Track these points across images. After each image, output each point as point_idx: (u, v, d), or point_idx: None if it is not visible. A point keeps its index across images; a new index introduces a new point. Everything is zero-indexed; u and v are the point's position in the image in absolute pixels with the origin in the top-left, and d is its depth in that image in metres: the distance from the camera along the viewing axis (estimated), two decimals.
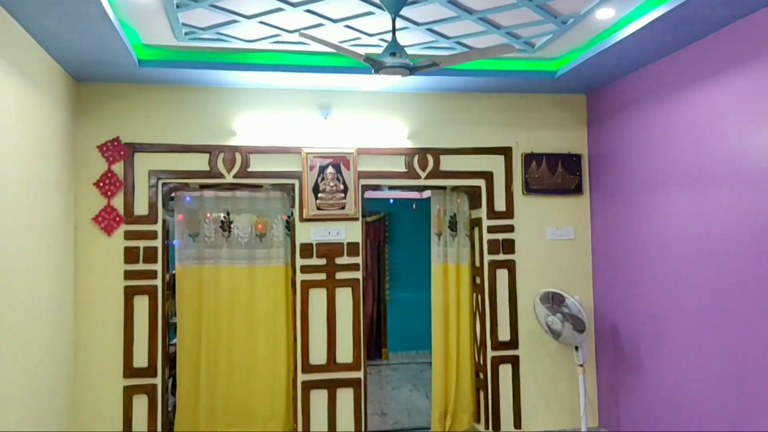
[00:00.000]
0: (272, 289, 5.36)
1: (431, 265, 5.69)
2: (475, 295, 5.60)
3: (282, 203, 5.42)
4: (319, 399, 5.07)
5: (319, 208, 5.15)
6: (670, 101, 4.49)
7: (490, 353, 5.35)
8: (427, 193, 5.99)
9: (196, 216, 5.34)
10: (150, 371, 4.83)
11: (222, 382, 5.28)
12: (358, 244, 5.21)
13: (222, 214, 5.37)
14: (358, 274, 5.20)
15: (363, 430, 5.11)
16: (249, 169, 5.07)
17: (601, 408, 5.45)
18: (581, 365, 5.19)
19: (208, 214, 5.36)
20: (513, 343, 5.38)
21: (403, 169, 5.30)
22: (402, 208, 9.49)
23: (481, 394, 5.47)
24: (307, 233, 5.14)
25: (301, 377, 5.06)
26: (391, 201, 8.91)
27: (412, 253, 9.53)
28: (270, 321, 5.35)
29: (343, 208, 5.19)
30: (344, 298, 5.16)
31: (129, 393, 4.80)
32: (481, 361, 5.44)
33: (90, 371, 4.76)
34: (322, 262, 5.14)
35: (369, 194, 9.03)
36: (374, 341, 9.50)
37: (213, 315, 5.29)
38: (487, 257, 5.39)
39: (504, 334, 5.37)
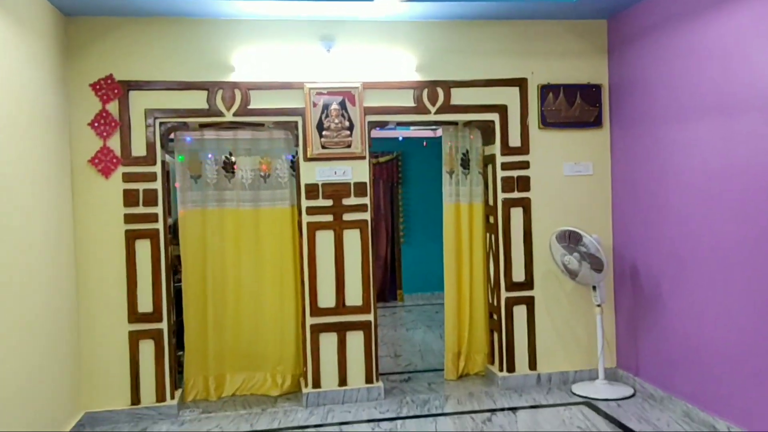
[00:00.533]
0: (278, 232, 5.20)
1: (438, 204, 5.47)
2: (488, 235, 5.39)
3: (286, 142, 5.19)
4: (328, 342, 4.95)
5: (324, 147, 4.92)
6: (694, 25, 4.15)
7: (505, 294, 5.17)
8: (440, 132, 5.73)
9: (198, 157, 5.14)
10: (155, 316, 4.72)
11: (229, 326, 5.18)
12: (365, 184, 5.00)
13: (224, 155, 5.17)
14: (367, 216, 5.01)
15: (373, 371, 5.00)
16: (249, 107, 4.83)
17: (618, 349, 5.28)
18: (599, 305, 5.01)
19: (210, 155, 5.15)
20: (528, 283, 5.19)
21: (412, 104, 5.03)
22: (415, 148, 9.23)
23: (495, 335, 5.33)
24: (312, 173, 4.93)
25: (310, 320, 4.93)
26: (401, 138, 8.64)
27: (427, 194, 9.33)
28: (277, 264, 5.20)
29: (349, 146, 4.96)
30: (352, 240, 4.98)
31: (135, 338, 4.70)
32: (495, 303, 5.27)
33: (94, 317, 4.66)
34: (329, 203, 4.95)
35: (380, 133, 8.80)
36: (389, 283, 9.42)
37: (218, 259, 5.15)
38: (501, 195, 5.16)
39: (519, 275, 5.18)
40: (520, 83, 5.13)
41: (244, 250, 5.18)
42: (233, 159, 5.18)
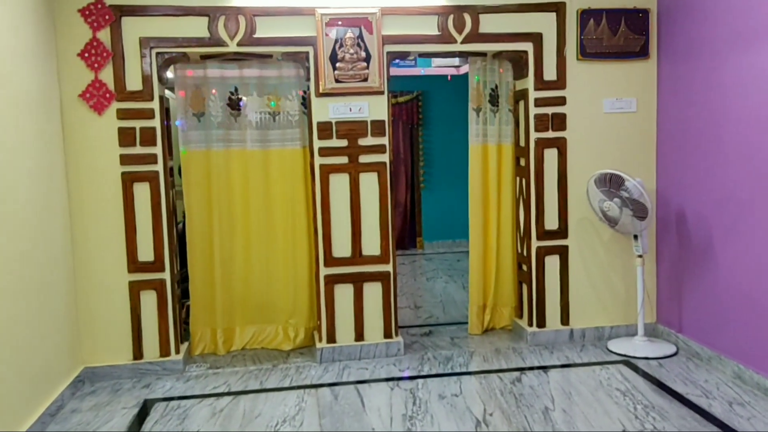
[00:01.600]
0: (290, 175, 4.78)
1: (468, 145, 5.00)
2: (518, 179, 4.93)
3: (297, 76, 4.72)
4: (344, 294, 4.58)
5: (337, 81, 4.44)
6: None
7: (535, 243, 4.74)
8: (465, 69, 5.17)
9: (201, 92, 4.69)
10: (157, 266, 4.36)
11: (238, 277, 4.82)
12: (383, 122, 4.53)
13: (229, 91, 4.71)
14: (385, 158, 4.56)
15: (392, 325, 4.63)
16: (255, 36, 4.34)
17: (660, 303, 4.86)
18: (640, 256, 4.57)
19: (214, 91, 4.70)
20: (561, 232, 4.75)
21: (436, 32, 4.52)
22: (437, 87, 8.70)
23: (524, 288, 4.92)
24: (325, 110, 4.47)
25: (324, 271, 4.55)
26: (422, 72, 8.08)
27: (449, 136, 8.85)
28: (288, 210, 4.80)
29: (365, 79, 4.47)
30: (369, 184, 4.55)
31: (136, 289, 4.35)
32: (525, 253, 4.85)
33: (91, 267, 4.31)
34: (343, 143, 4.50)
35: (399, 71, 8.26)
36: (408, 230, 9.03)
37: (225, 205, 4.75)
38: (533, 135, 4.67)
39: (551, 223, 4.74)
40: (557, 8, 4.58)
41: (252, 194, 4.78)
42: (239, 95, 4.72)
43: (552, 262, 4.77)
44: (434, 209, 9.02)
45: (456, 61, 7.22)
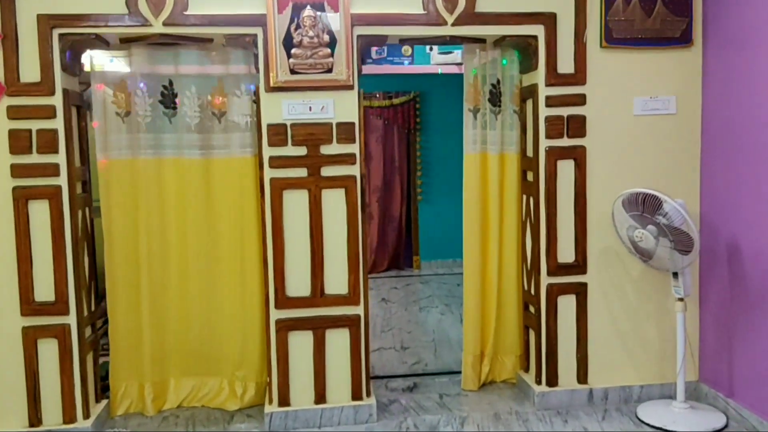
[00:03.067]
0: (238, 191, 3.81)
1: (463, 154, 4.02)
2: (525, 197, 3.94)
3: (247, 66, 3.75)
4: (301, 344, 3.60)
5: (293, 71, 3.47)
6: None
7: (546, 280, 3.74)
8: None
9: (125, 86, 3.73)
10: (59, 307, 3.41)
11: (173, 317, 3.85)
12: (353, 125, 3.56)
13: (162, 85, 3.75)
14: (355, 170, 3.58)
15: (362, 384, 3.65)
16: (187, 12, 3.39)
17: (704, 358, 3.84)
18: (681, 299, 3.55)
19: (142, 84, 3.74)
20: (579, 266, 3.75)
21: (420, 11, 3.54)
22: (437, 87, 7.70)
23: (532, 334, 3.92)
24: (278, 109, 3.50)
25: (275, 314, 3.58)
26: (438, 68, 6.88)
27: (450, 143, 7.76)
28: (236, 236, 3.83)
29: (329, 70, 3.50)
30: (334, 204, 3.58)
31: (31, 337, 3.40)
32: (532, 290, 3.85)
33: None
34: (301, 151, 3.53)
35: (393, 68, 7.29)
36: (403, 248, 8.04)
37: (156, 228, 3.79)
38: (544, 143, 3.68)
39: (566, 254, 3.74)
40: None
41: (191, 215, 3.82)
42: (174, 89, 3.76)
43: (566, 304, 3.77)
44: (433, 225, 8.01)
45: (459, 56, 6.25)
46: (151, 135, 3.75)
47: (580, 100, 3.68)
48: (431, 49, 6.89)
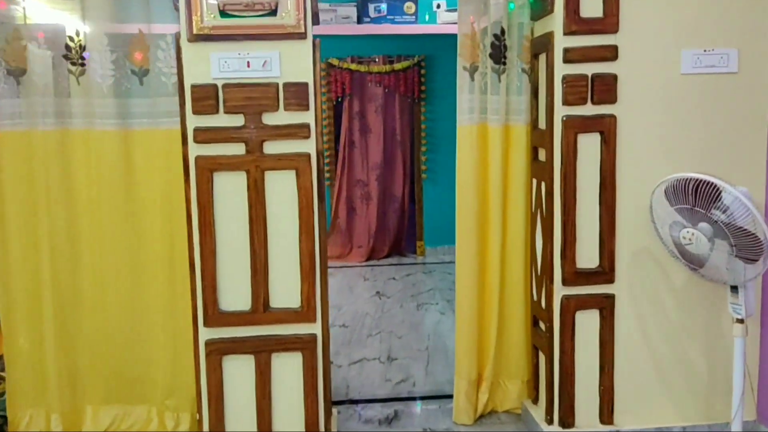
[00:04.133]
0: (166, 173, 2.99)
1: (456, 125, 3.13)
2: (535, 182, 3.05)
3: (172, 9, 2.88)
4: (239, 371, 2.78)
5: (224, 13, 2.61)
6: None
7: (560, 290, 2.87)
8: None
9: (18, 36, 2.89)
10: None
11: (87, 334, 3.07)
12: (306, 86, 2.68)
13: (68, 36, 2.91)
14: (309, 146, 2.72)
15: (320, 420, 2.83)
16: None
17: (764, 393, 2.96)
18: (741, 320, 2.66)
19: (40, 34, 2.90)
20: (604, 272, 2.86)
21: None
22: (446, 49, 6.72)
23: (542, 358, 3.06)
24: (205, 65, 2.65)
25: (205, 334, 2.75)
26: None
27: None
28: (165, 231, 3.02)
29: (272, 12, 2.62)
30: (282, 190, 2.72)
31: None
32: (543, 302, 2.98)
33: None
34: (237, 121, 2.67)
35: (396, 28, 6.37)
36: (406, 232, 7.18)
37: (62, 219, 2.98)
38: (561, 111, 2.79)
39: (588, 257, 2.86)
40: None
41: (106, 201, 3.00)
42: (81, 40, 2.92)
43: (587, 322, 2.90)
44: (439, 206, 7.12)
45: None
46: (52, 99, 2.92)
47: (611, 53, 2.77)
48: (438, 6, 6.00)
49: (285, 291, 2.76)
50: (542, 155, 2.96)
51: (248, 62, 2.65)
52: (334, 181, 6.96)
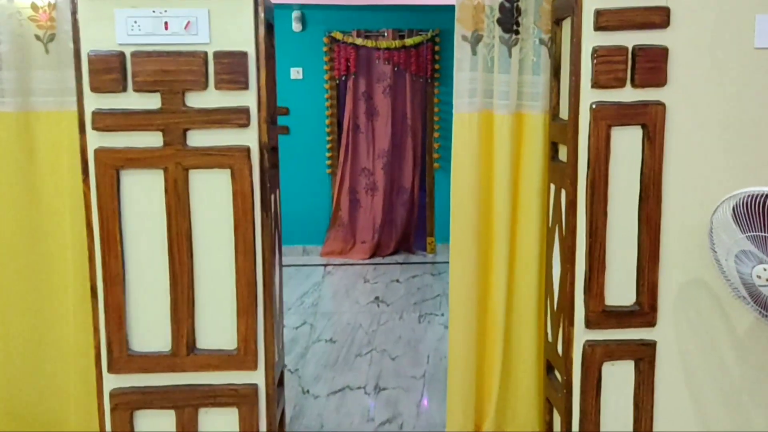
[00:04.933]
0: (76, 165, 2.31)
1: (452, 112, 2.42)
2: (554, 189, 2.34)
3: None
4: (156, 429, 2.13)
5: None
6: None
7: (583, 333, 2.16)
8: None
9: None
10: None
11: None
12: (245, 57, 2.00)
13: None
14: (250, 136, 2.04)
15: None
16: None
17: None
18: None
19: None
20: (643, 312, 2.15)
21: None
22: None
23: (556, 416, 2.36)
24: (107, 27, 1.98)
25: (111, 382, 2.10)
26: None
27: None
28: (77, 239, 2.37)
29: None
30: (212, 195, 2.05)
31: None
32: (560, 346, 2.27)
33: None
34: (152, 102, 2.00)
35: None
36: (415, 227, 6.49)
37: None
38: (589, 96, 2.07)
39: (621, 290, 2.15)
40: None
41: (1, 206, 2.36)
42: None
43: (618, 377, 2.19)
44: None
45: None
46: None
47: (660, 18, 2.03)
48: None
49: (216, 328, 2.10)
50: (563, 154, 2.24)
51: (166, 23, 1.97)
52: (336, 170, 6.27)
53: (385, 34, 6.11)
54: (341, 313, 4.73)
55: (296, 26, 6.08)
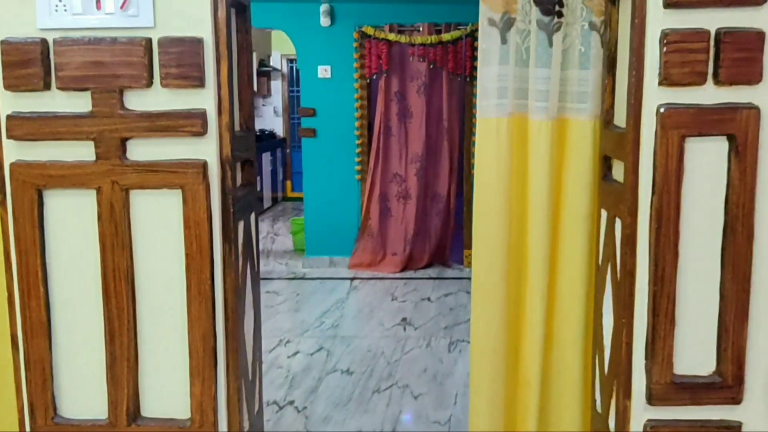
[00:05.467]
0: None
1: (476, 116, 1.91)
2: (605, 215, 1.80)
3: None
4: None
5: None
6: None
7: (644, 410, 1.63)
8: None
9: None
10: None
11: None
12: (198, 45, 1.54)
13: None
14: (207, 149, 1.58)
15: None
16: None
17: None
18: None
19: None
20: (725, 385, 1.61)
21: None
22: None
23: None
24: (26, 7, 1.54)
25: None
26: None
27: None
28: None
29: None
30: (159, 225, 1.60)
31: None
32: (612, 422, 1.75)
33: None
34: (81, 104, 1.56)
35: None
36: (452, 238, 5.99)
37: None
38: (656, 96, 1.54)
39: (696, 355, 1.62)
40: None
41: None
42: None
43: None
44: None
45: None
46: None
47: None
48: None
49: (165, 391, 1.65)
50: (619, 172, 1.72)
51: (98, 1, 1.52)
52: (366, 176, 5.81)
53: (420, 29, 5.62)
54: (362, 337, 4.26)
55: (324, 21, 5.64)
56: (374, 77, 5.69)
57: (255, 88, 9.12)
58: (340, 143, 5.79)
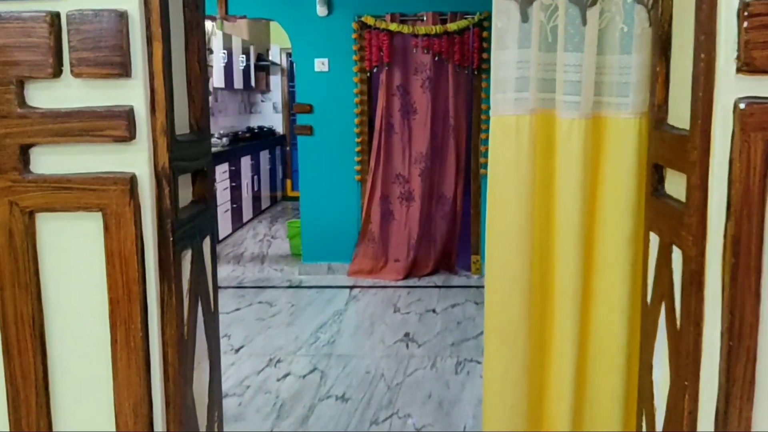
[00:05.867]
0: None
1: (487, 112, 1.52)
2: (657, 240, 1.40)
3: None
4: None
5: None
6: None
7: None
8: None
9: None
10: None
11: None
12: (121, 18, 1.14)
13: None
14: (137, 158, 1.18)
15: None
16: None
17: None
18: None
19: None
20: None
21: None
22: None
23: None
24: None
25: None
26: None
27: None
28: None
29: None
30: (72, 256, 1.20)
31: None
32: None
33: None
34: None
35: None
36: (458, 243, 5.62)
37: None
38: (733, 87, 1.14)
39: None
40: None
41: None
42: None
43: None
44: None
45: None
46: None
47: None
48: None
49: None
50: (676, 186, 1.32)
51: None
52: (366, 176, 5.42)
53: (424, 18, 5.22)
54: (361, 356, 3.88)
55: (321, 10, 5.25)
56: (375, 70, 5.30)
57: (253, 84, 8.76)
58: (338, 141, 5.41)
